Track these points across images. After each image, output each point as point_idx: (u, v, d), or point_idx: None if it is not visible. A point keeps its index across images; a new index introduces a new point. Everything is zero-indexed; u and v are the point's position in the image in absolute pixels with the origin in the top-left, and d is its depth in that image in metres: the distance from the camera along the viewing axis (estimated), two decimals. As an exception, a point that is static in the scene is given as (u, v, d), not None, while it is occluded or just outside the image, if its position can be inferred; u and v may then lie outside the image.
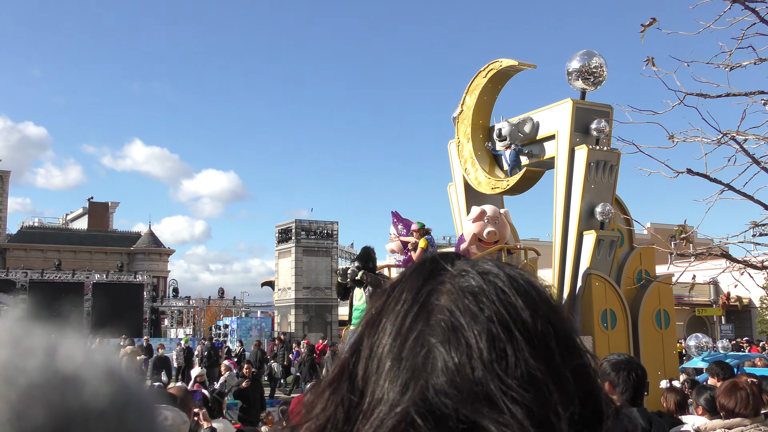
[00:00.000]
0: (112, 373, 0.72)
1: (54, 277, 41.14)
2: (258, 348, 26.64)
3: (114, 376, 0.72)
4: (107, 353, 0.85)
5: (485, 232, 10.66)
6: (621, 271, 12.06)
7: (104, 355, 0.74)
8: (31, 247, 66.38)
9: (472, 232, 10.81)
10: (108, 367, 0.72)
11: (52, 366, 0.70)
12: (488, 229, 10.68)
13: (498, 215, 10.90)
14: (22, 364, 0.69)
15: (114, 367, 0.73)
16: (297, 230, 44.91)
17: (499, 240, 10.80)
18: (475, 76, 13.09)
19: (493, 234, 10.66)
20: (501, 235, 10.81)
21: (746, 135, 7.03)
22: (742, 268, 7.40)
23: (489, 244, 10.77)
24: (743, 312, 53.39)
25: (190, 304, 49.94)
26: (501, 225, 10.83)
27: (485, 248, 10.77)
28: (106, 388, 0.70)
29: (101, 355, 0.73)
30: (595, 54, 12.00)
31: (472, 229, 10.82)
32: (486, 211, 10.93)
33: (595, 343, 11.14)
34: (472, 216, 10.95)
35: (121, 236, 74.18)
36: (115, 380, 0.72)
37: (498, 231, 10.72)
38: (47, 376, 0.68)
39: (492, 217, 10.83)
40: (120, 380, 0.72)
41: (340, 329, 39.53)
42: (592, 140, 11.86)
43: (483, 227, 10.72)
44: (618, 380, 3.99)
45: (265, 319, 45.15)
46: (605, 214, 11.63)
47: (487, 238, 10.67)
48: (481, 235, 10.68)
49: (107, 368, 0.72)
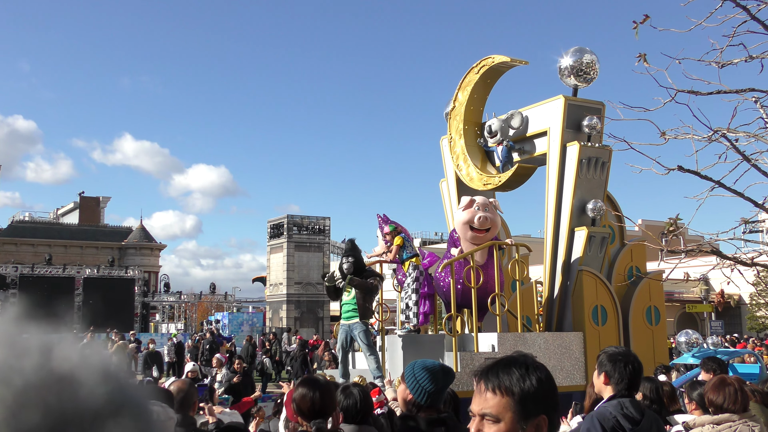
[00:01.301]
0: (108, 373, 0.72)
1: (45, 271, 40.97)
2: (249, 343, 26.64)
3: (110, 377, 0.71)
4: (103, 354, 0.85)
5: (476, 218, 10.65)
6: (612, 267, 12.11)
7: (100, 355, 0.74)
8: (22, 242, 66.16)
9: (462, 220, 10.81)
10: (104, 367, 0.72)
11: (48, 366, 0.69)
12: (479, 215, 10.66)
13: (488, 204, 10.91)
14: (17, 364, 0.68)
15: (110, 368, 0.73)
16: (289, 226, 44.88)
17: (491, 228, 10.78)
18: (467, 72, 13.09)
19: (485, 220, 10.65)
20: (493, 222, 10.79)
21: (737, 132, 7.06)
22: (732, 265, 7.44)
23: (481, 232, 10.75)
24: (733, 309, 53.67)
25: (182, 299, 49.84)
26: (492, 213, 10.84)
27: (477, 236, 10.75)
28: (101, 389, 0.69)
29: (97, 356, 0.73)
30: (587, 51, 12.02)
31: (463, 216, 10.82)
32: (476, 200, 10.96)
33: (586, 339, 11.18)
34: (462, 205, 10.98)
35: (112, 231, 73.98)
36: (110, 381, 0.71)
37: (489, 218, 10.71)
38: (42, 376, 0.68)
39: (482, 204, 10.84)
40: (116, 381, 0.72)
41: (332, 324, 39.56)
42: (583, 137, 11.89)
43: (474, 213, 10.72)
44: (614, 372, 4.05)
45: (256, 314, 45.15)
46: (597, 210, 11.67)
47: (479, 225, 10.66)
48: (473, 221, 10.67)
49: (103, 369, 0.72)
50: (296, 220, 45.39)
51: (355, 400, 4.59)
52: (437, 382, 3.87)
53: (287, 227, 44.81)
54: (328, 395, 4.07)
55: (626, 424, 3.84)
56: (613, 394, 4.04)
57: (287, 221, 45.00)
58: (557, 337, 11.07)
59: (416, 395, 3.81)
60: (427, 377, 3.85)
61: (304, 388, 4.08)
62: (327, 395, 4.06)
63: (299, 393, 4.08)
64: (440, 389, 3.91)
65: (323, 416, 4.00)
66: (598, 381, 4.15)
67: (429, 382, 3.84)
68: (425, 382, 3.82)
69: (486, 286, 10.78)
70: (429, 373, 3.88)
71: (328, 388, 4.17)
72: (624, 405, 3.95)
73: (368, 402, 4.76)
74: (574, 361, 10.97)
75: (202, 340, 26.65)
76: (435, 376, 3.87)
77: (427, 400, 3.80)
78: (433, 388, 3.84)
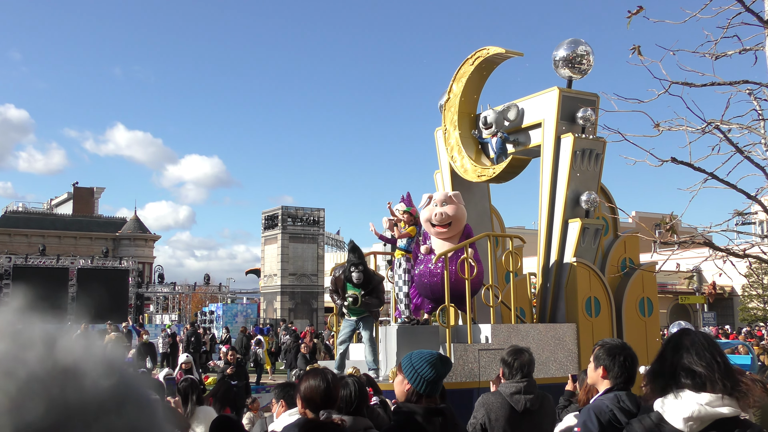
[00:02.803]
0: (112, 366, 0.72)
1: (38, 262, 40.86)
2: (243, 334, 26.65)
3: (114, 370, 0.72)
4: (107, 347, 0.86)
5: (434, 215, 10.69)
6: (605, 259, 12.14)
7: (104, 348, 0.75)
8: (15, 232, 65.94)
9: (423, 219, 10.88)
10: (107, 360, 0.73)
11: (52, 358, 0.70)
12: (436, 211, 10.68)
13: (446, 197, 10.90)
14: (21, 355, 0.69)
15: (114, 361, 0.74)
16: (283, 217, 44.84)
17: (452, 222, 10.78)
18: (462, 63, 13.07)
19: (441, 215, 10.67)
20: (453, 216, 10.76)
21: (730, 124, 7.08)
22: (725, 257, 7.47)
23: (443, 227, 10.76)
24: (726, 300, 53.90)
25: (176, 290, 49.80)
26: (451, 206, 10.81)
27: (441, 231, 10.77)
28: (105, 381, 0.70)
29: (101, 348, 0.74)
30: (581, 42, 12.02)
31: (424, 215, 10.89)
32: (433, 196, 10.98)
33: (579, 330, 11.22)
34: (421, 204, 11.04)
35: (106, 222, 73.77)
36: (114, 373, 0.72)
37: (448, 212, 10.70)
38: (47, 368, 0.69)
39: (440, 199, 10.84)
40: (120, 373, 0.73)
41: (326, 316, 39.55)
42: (578, 129, 11.90)
43: (431, 211, 10.76)
44: (613, 365, 4.07)
45: (251, 305, 45.14)
46: (590, 202, 11.69)
47: (438, 221, 10.69)
48: (431, 218, 10.72)
49: (107, 361, 0.72)
50: (291, 212, 45.35)
51: (350, 391, 4.61)
52: (436, 370, 3.88)
53: (282, 218, 44.77)
54: (334, 386, 4.10)
55: (622, 418, 3.87)
56: (610, 386, 4.06)
57: (282, 212, 44.96)
58: (551, 328, 11.10)
59: (415, 384, 3.82)
60: (426, 365, 3.86)
61: (312, 380, 4.11)
62: (334, 386, 4.09)
63: (307, 384, 4.10)
64: (439, 377, 3.92)
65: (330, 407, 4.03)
66: (594, 374, 4.17)
67: (428, 370, 3.85)
68: (424, 371, 3.83)
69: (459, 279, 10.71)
70: (427, 361, 3.89)
71: (335, 379, 4.20)
72: (621, 398, 3.97)
73: (363, 393, 4.78)
74: (567, 352, 11.01)
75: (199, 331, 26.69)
76: (433, 364, 3.88)
77: (426, 389, 3.82)
78: (432, 377, 3.85)
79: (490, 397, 5.08)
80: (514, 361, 5.06)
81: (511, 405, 4.93)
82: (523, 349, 5.22)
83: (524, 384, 4.97)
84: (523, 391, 4.95)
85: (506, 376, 5.08)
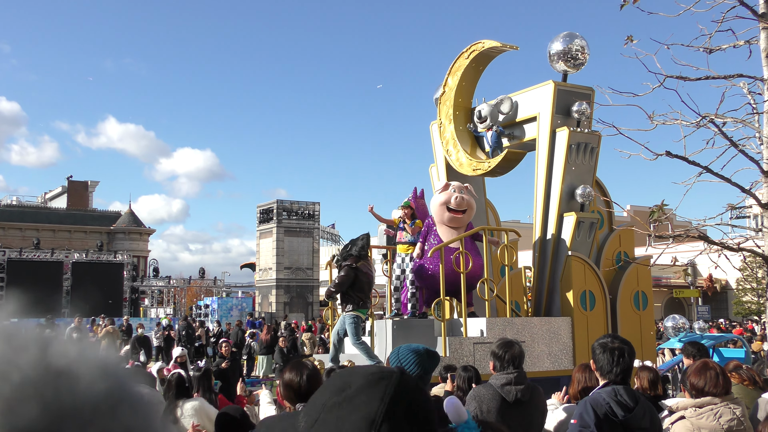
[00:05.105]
0: (107, 368, 0.72)
1: (33, 256, 40.80)
2: (239, 328, 26.67)
3: (108, 372, 0.72)
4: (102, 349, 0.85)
5: (453, 198, 10.77)
6: (600, 252, 12.16)
7: (99, 350, 0.74)
8: (9, 226, 65.69)
9: (440, 201, 10.93)
10: (102, 362, 0.72)
11: (45, 361, 0.69)
12: (456, 195, 10.79)
13: (464, 187, 11.10)
14: (15, 359, 0.69)
15: (108, 363, 0.74)
16: (278, 210, 44.84)
17: (467, 209, 10.90)
18: (457, 57, 13.05)
19: (462, 200, 10.78)
20: (469, 204, 10.92)
21: (725, 118, 7.10)
22: (719, 250, 7.50)
23: (458, 213, 10.84)
24: (720, 294, 54.07)
25: (171, 283, 49.77)
26: (468, 195, 10.98)
27: (455, 217, 10.83)
28: (100, 384, 0.70)
29: (95, 351, 0.73)
30: (577, 36, 12.01)
31: (440, 198, 10.95)
32: (451, 183, 11.15)
33: (574, 324, 11.25)
34: (439, 188, 11.18)
35: (100, 215, 73.54)
36: (109, 376, 0.72)
37: (466, 199, 10.85)
38: (40, 371, 0.68)
39: (458, 187, 11.00)
40: (114, 376, 0.73)
41: (321, 309, 39.54)
42: (573, 122, 11.90)
43: (450, 195, 10.85)
44: (612, 361, 4.11)
45: (246, 299, 45.14)
46: (585, 196, 11.70)
47: (456, 205, 10.78)
48: (450, 202, 10.78)
49: (101, 364, 0.72)
50: (285, 205, 45.34)
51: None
52: (423, 365, 3.88)
53: (276, 212, 44.76)
54: (314, 379, 4.10)
55: (619, 411, 3.89)
56: (607, 381, 4.11)
57: (276, 206, 44.95)
58: (546, 322, 11.13)
59: None
60: (413, 360, 3.86)
61: (291, 373, 4.12)
62: (313, 379, 4.08)
63: (287, 377, 4.11)
64: (426, 372, 3.92)
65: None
66: (594, 369, 4.25)
67: (415, 365, 3.85)
68: (411, 366, 3.83)
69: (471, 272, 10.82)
70: (415, 356, 3.89)
71: (315, 372, 4.20)
72: (618, 392, 4.00)
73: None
74: (562, 345, 11.04)
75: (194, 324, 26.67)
76: (420, 359, 3.88)
77: None
78: (419, 371, 3.85)
79: (481, 389, 5.11)
80: (504, 354, 5.09)
81: (502, 396, 4.95)
82: (513, 342, 5.24)
83: (515, 375, 4.99)
84: (514, 382, 4.97)
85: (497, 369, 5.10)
